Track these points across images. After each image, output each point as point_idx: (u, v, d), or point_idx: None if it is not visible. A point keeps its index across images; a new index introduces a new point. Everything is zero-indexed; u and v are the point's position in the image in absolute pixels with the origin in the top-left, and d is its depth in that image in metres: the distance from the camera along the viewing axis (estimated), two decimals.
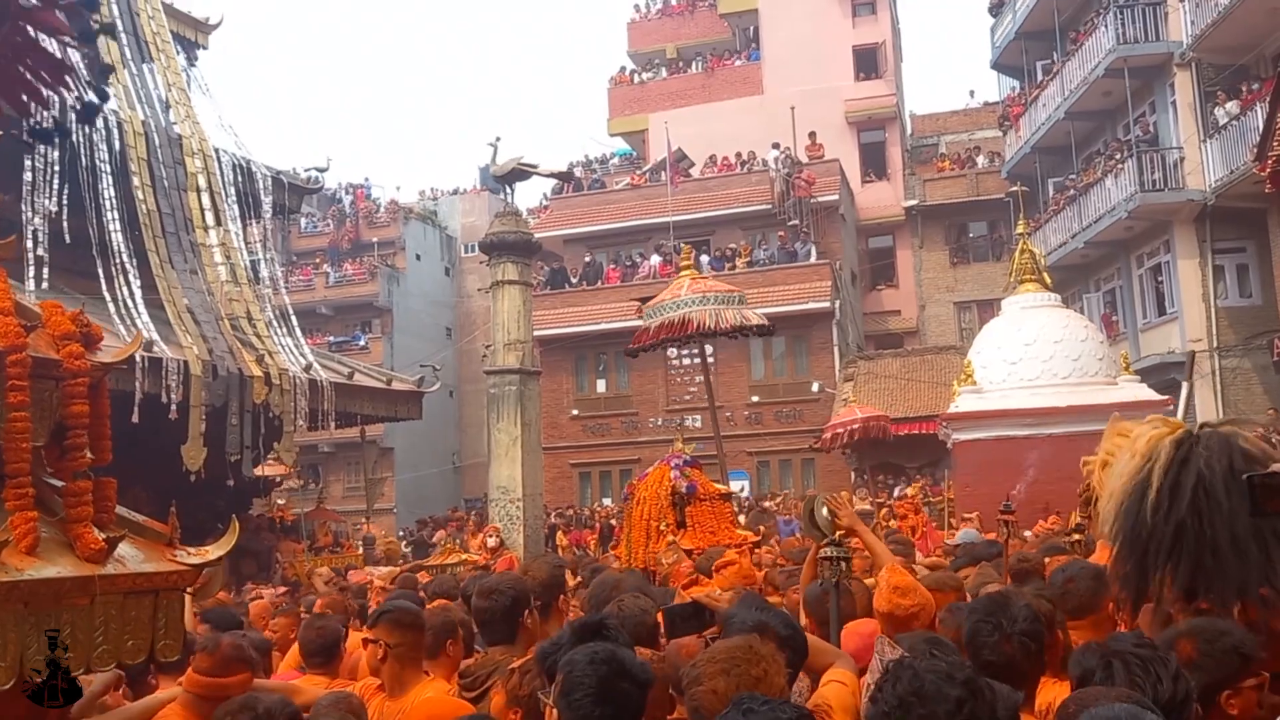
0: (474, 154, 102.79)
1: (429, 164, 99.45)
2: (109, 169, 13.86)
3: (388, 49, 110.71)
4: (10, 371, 1.95)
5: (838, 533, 4.10)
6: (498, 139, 16.12)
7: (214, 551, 2.20)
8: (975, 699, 1.91)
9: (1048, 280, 17.17)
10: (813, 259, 27.33)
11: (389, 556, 11.65)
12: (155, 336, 12.87)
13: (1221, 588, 2.76)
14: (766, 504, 20.80)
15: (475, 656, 3.81)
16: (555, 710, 2.26)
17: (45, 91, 2.35)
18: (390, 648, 3.12)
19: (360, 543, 17.20)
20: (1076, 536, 6.20)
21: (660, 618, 3.29)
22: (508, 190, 16.68)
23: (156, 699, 3.23)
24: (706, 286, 11.62)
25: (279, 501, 17.37)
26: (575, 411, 29.11)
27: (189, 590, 2.16)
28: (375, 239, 38.22)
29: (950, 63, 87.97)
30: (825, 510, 4.16)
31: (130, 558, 2.06)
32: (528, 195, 65.21)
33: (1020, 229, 17.11)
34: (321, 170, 18.18)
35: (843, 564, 3.55)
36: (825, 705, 2.53)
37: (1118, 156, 21.75)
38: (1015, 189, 20.22)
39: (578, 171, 32.77)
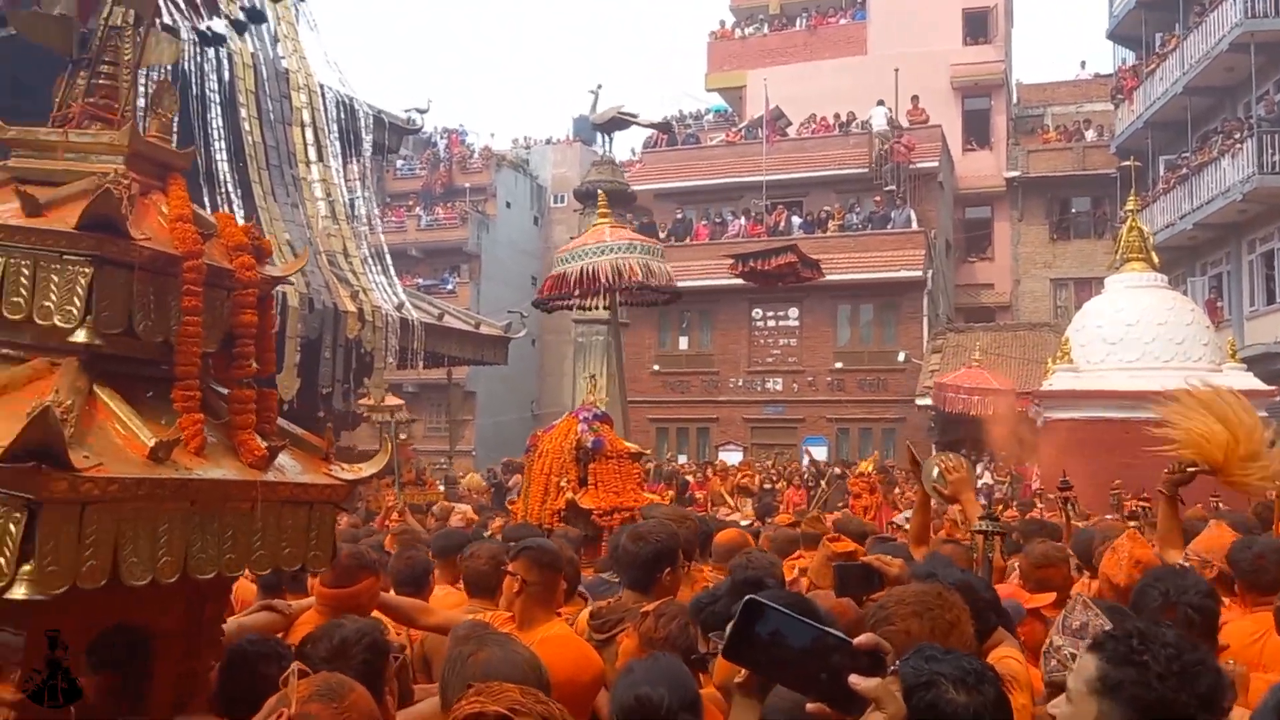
0: (568, 104, 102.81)
1: (523, 112, 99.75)
2: (218, 99, 14.07)
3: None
4: (186, 277, 1.98)
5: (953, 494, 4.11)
6: (599, 86, 16.22)
7: (367, 469, 2.23)
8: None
9: (1155, 260, 16.63)
10: (913, 225, 26.80)
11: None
12: None
13: None
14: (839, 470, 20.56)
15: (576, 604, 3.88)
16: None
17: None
18: (526, 584, 3.17)
19: (442, 481, 17.50)
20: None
21: (833, 572, 3.36)
22: (605, 138, 16.68)
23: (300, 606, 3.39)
24: (622, 235, 11.44)
25: (402, 436, 17.63)
26: (656, 367, 29.13)
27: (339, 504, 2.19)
28: (467, 184, 38.53)
29: (1063, 31, 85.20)
30: (936, 471, 4.21)
31: (289, 468, 2.10)
32: (619, 148, 64.75)
33: (1131, 205, 16.55)
34: (422, 111, 18.32)
35: (996, 538, 3.51)
36: (1008, 675, 2.46)
37: (1236, 136, 20.88)
38: (1128, 163, 19.53)
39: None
